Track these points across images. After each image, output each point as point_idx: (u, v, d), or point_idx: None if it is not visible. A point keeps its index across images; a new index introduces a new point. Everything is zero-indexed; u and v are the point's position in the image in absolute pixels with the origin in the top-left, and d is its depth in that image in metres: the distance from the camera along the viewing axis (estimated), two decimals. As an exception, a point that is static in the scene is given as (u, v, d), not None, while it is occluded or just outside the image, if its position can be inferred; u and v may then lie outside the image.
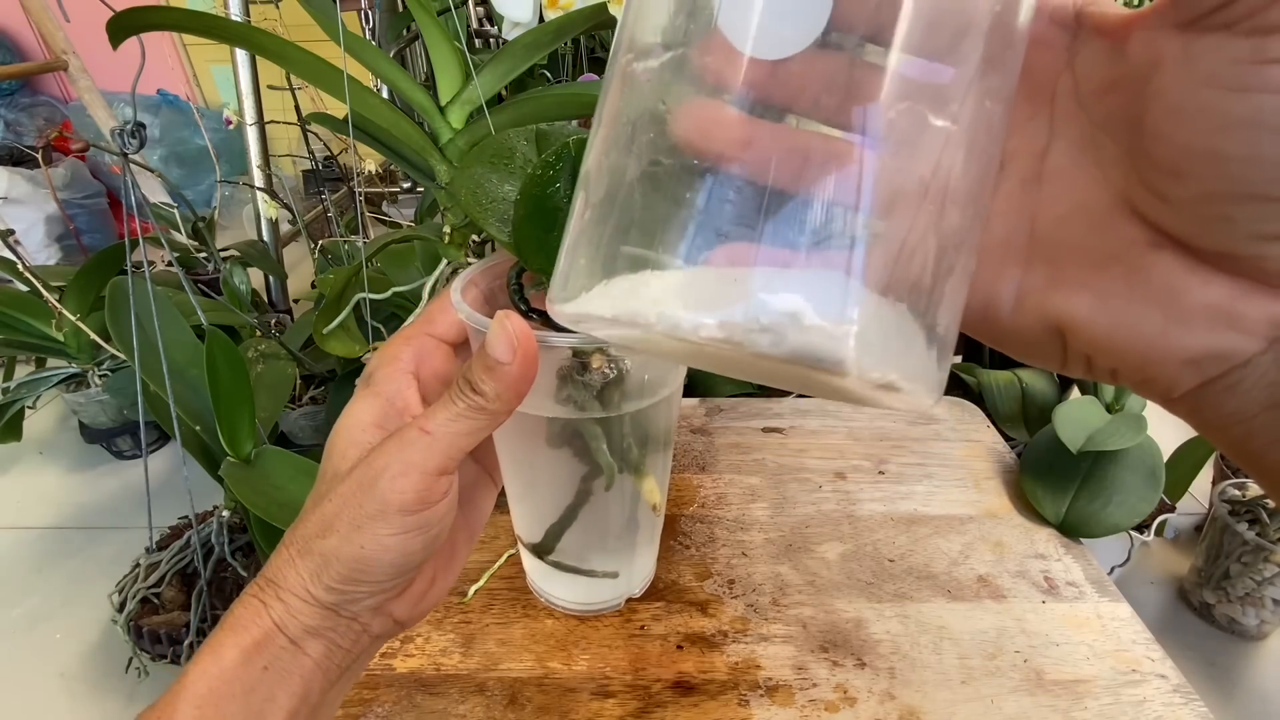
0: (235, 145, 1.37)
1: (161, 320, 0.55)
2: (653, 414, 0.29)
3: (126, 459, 1.10)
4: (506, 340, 0.20)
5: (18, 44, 2.09)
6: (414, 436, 0.20)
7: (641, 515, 0.33)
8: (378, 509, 0.20)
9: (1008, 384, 0.79)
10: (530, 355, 0.20)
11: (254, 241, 1.19)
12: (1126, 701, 0.34)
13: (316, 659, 0.21)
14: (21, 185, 1.66)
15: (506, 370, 0.20)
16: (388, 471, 0.20)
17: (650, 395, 0.28)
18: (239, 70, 1.09)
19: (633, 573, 0.38)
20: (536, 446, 0.29)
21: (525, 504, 0.34)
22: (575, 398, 0.26)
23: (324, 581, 0.21)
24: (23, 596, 0.87)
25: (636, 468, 0.29)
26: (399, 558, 0.21)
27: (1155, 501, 0.46)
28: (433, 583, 0.24)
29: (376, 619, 0.22)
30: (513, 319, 0.20)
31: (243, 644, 0.20)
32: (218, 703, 0.20)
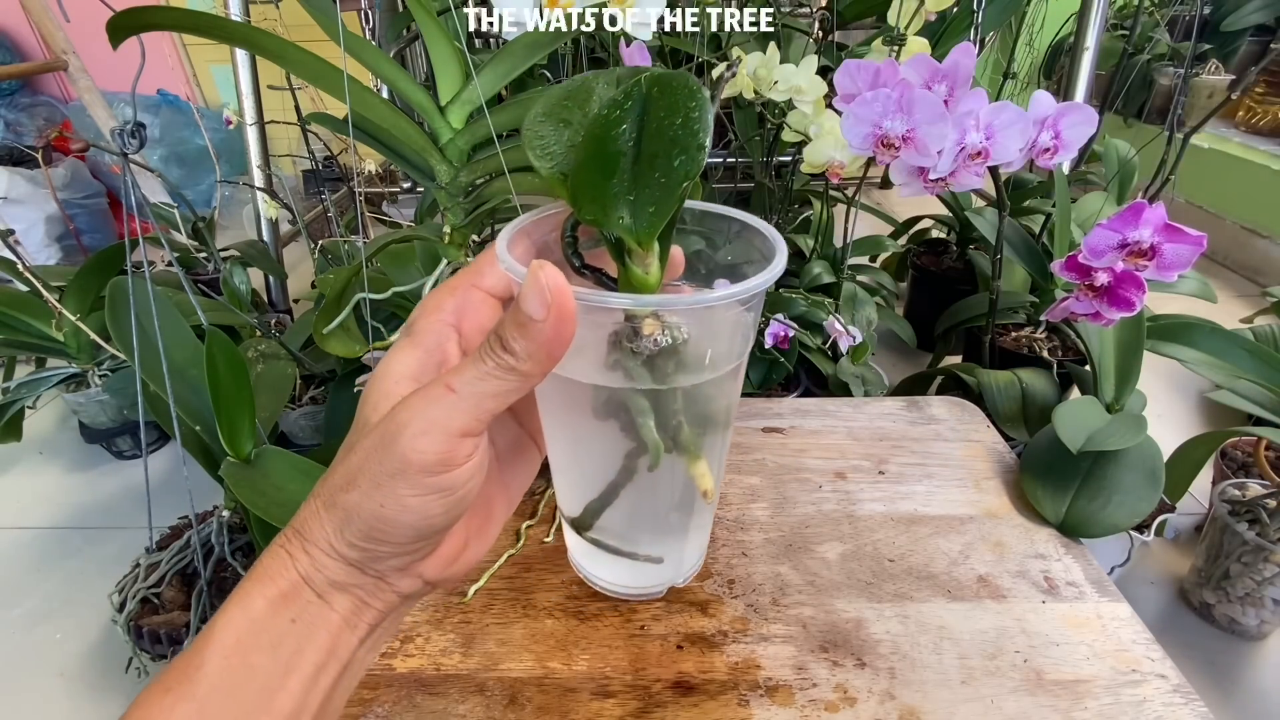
0: (235, 145, 1.37)
1: (161, 320, 0.55)
2: (711, 391, 0.27)
3: (126, 459, 1.10)
4: (539, 294, 0.18)
5: (18, 44, 2.09)
6: (439, 394, 0.19)
7: (691, 501, 0.31)
8: (397, 467, 0.19)
9: (1008, 384, 0.79)
10: (566, 313, 0.19)
11: (254, 241, 1.19)
12: (1126, 701, 0.34)
13: (344, 614, 0.21)
14: (21, 185, 1.66)
15: (539, 328, 0.19)
16: (408, 429, 0.19)
17: (711, 370, 0.26)
18: (239, 70, 1.09)
19: (681, 560, 0.36)
20: (582, 415, 0.27)
21: (567, 476, 0.32)
22: (625, 365, 0.24)
23: (347, 537, 0.20)
24: (23, 596, 0.86)
25: (687, 449, 0.27)
26: (419, 519, 0.20)
27: (1155, 501, 0.46)
28: (466, 546, 0.23)
29: (404, 579, 0.21)
30: (547, 270, 0.18)
31: (270, 595, 0.20)
32: (245, 654, 0.19)
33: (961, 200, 1.14)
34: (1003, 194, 0.68)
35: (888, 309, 1.05)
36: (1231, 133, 1.75)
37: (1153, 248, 0.48)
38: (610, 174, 0.20)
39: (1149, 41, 1.79)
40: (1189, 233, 0.47)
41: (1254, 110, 1.73)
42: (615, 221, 0.20)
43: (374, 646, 0.23)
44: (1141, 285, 0.49)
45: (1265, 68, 0.80)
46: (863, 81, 0.53)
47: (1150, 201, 0.47)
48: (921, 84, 0.51)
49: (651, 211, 0.20)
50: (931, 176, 0.52)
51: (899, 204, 1.71)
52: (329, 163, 1.50)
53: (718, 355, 0.26)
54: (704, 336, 0.25)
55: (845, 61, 0.53)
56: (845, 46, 1.07)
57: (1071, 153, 0.53)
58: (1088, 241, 0.50)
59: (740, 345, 0.27)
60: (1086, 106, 0.52)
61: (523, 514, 0.46)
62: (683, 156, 0.19)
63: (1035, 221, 1.04)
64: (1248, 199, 1.65)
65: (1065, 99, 1.00)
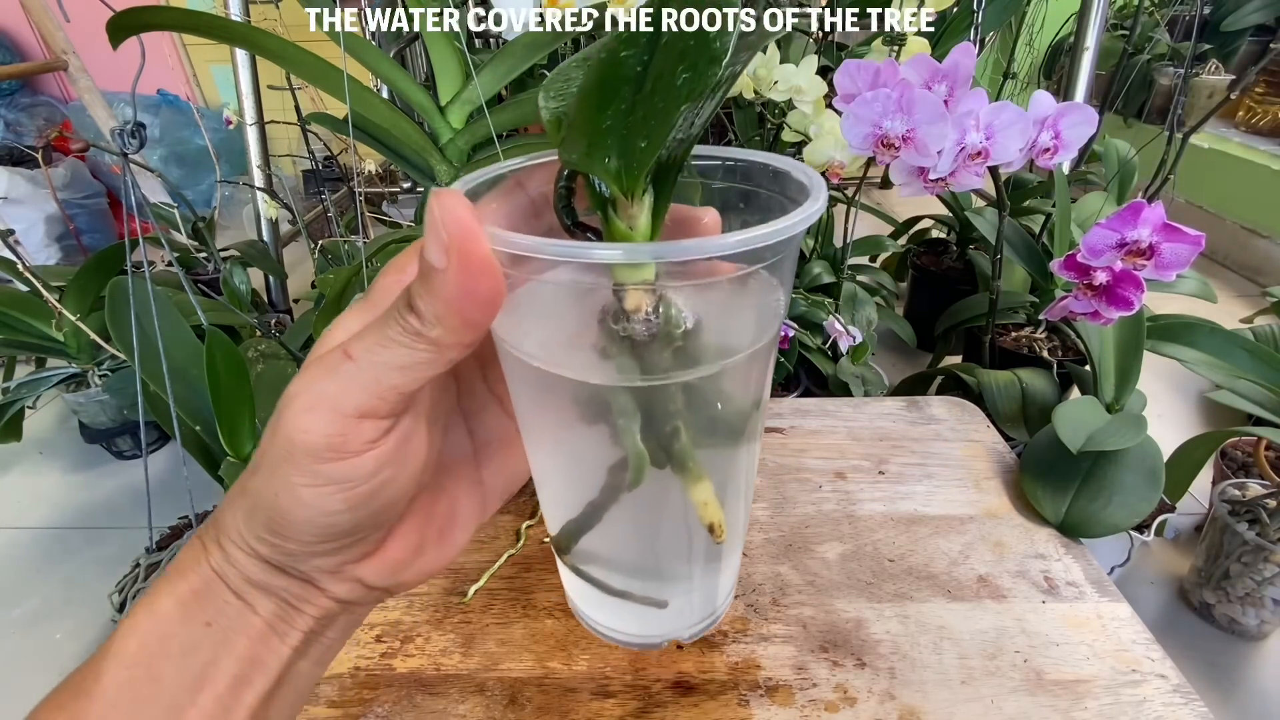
0: (235, 145, 1.37)
1: (161, 320, 0.55)
2: (723, 387, 0.20)
3: (126, 459, 1.10)
4: (433, 233, 0.14)
5: (18, 44, 2.09)
6: (334, 362, 0.16)
7: (695, 535, 0.24)
8: (284, 449, 0.16)
9: (1008, 384, 0.79)
10: (473, 260, 0.14)
11: (254, 241, 1.19)
12: (1126, 701, 0.34)
13: (267, 619, 0.17)
14: (21, 185, 1.66)
15: (440, 280, 0.15)
16: (295, 403, 0.16)
17: (721, 358, 0.20)
18: (239, 70, 1.09)
19: (689, 607, 0.28)
20: (561, 415, 0.21)
21: (548, 489, 0.25)
22: (611, 353, 0.19)
23: (254, 529, 0.17)
24: (23, 596, 0.86)
25: (685, 466, 0.20)
26: (316, 515, 0.16)
27: (1155, 501, 0.46)
28: (420, 551, 0.19)
29: (337, 582, 0.18)
30: (445, 200, 0.14)
31: (180, 594, 0.17)
32: (149, 663, 0.16)
33: (961, 200, 1.14)
34: (1003, 194, 0.68)
35: (888, 309, 1.05)
36: (1231, 133, 1.75)
37: (1151, 247, 0.48)
38: (607, 104, 0.16)
39: (1149, 41, 1.79)
40: (1187, 232, 0.47)
41: (1254, 110, 1.73)
42: (599, 163, 0.16)
43: (320, 659, 0.19)
44: (1140, 285, 0.49)
45: (1265, 68, 0.80)
46: (863, 81, 0.53)
47: (1150, 201, 0.47)
48: (921, 84, 0.51)
49: (643, 146, 0.16)
50: (931, 176, 0.52)
51: (899, 204, 1.71)
52: (329, 163, 1.51)
53: (732, 338, 0.20)
54: (714, 312, 0.19)
55: (845, 61, 0.53)
56: (845, 46, 1.07)
57: (1071, 153, 0.53)
58: (1086, 241, 0.50)
59: (764, 324, 0.21)
60: (1086, 106, 0.52)
61: (522, 514, 0.46)
62: (688, 73, 0.15)
63: (1035, 221, 1.04)
64: (1248, 199, 1.65)
65: (1065, 99, 1.00)
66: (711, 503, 0.21)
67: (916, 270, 1.29)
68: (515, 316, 0.20)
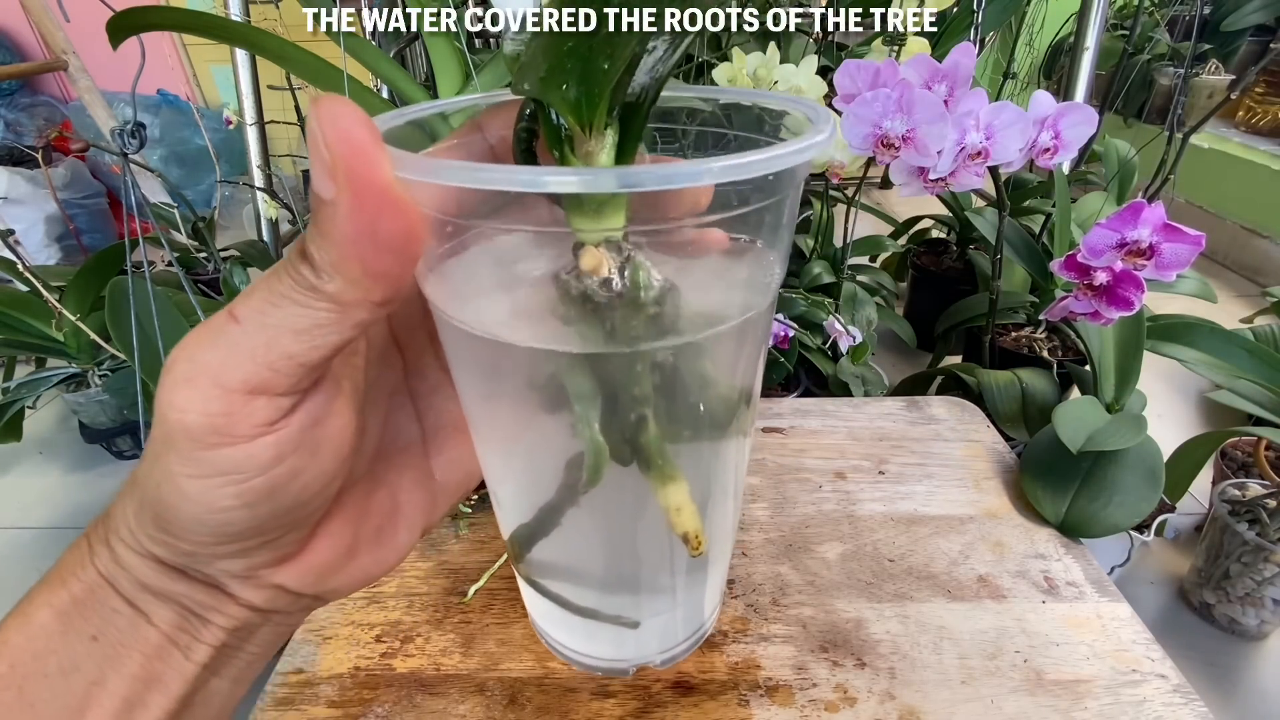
0: (235, 145, 1.37)
1: (161, 320, 0.55)
2: (703, 368, 0.17)
3: (126, 459, 1.10)
4: (315, 153, 0.11)
5: (18, 44, 2.09)
6: (217, 324, 0.13)
7: (668, 545, 0.20)
8: (163, 432, 0.13)
9: (1008, 384, 0.79)
10: (371, 188, 0.11)
11: (254, 241, 1.19)
12: (1126, 701, 0.34)
13: (166, 630, 0.15)
14: (21, 185, 1.66)
15: (330, 215, 0.12)
16: (169, 374, 0.13)
17: (701, 326, 0.16)
18: (239, 70, 1.09)
19: (665, 628, 0.25)
20: (512, 401, 0.18)
21: (501, 488, 0.22)
22: (571, 318, 0.15)
23: (144, 526, 0.14)
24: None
25: (652, 462, 0.17)
26: (204, 513, 0.13)
27: (1155, 501, 0.46)
28: (352, 554, 0.17)
29: (251, 589, 0.15)
30: (326, 108, 0.11)
31: (59, 602, 0.14)
32: (23, 685, 0.14)
33: (961, 200, 1.14)
34: (1003, 194, 0.68)
35: (888, 309, 1.05)
36: (1231, 133, 1.75)
37: (1151, 247, 0.48)
38: (572, 27, 0.13)
39: (1149, 41, 1.79)
40: (1187, 232, 0.47)
41: (1254, 110, 1.73)
42: (555, 90, 0.13)
43: (240, 677, 0.17)
44: (1140, 284, 0.49)
45: (1265, 68, 0.80)
46: (863, 81, 0.53)
47: (1150, 201, 0.47)
48: (921, 84, 0.51)
49: (605, 68, 0.13)
50: (931, 176, 0.52)
51: (899, 204, 1.71)
52: (329, 163, 1.50)
53: (714, 307, 0.17)
54: (693, 277, 0.16)
55: (845, 61, 0.53)
56: (845, 46, 1.07)
57: (1071, 153, 0.53)
58: (1086, 241, 0.50)
59: (753, 294, 0.17)
60: (1086, 106, 0.52)
61: (523, 514, 0.46)
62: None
63: (1035, 221, 1.04)
64: (1248, 199, 1.65)
65: (1065, 99, 1.00)
66: (686, 508, 0.18)
67: (916, 270, 1.29)
68: (453, 279, 0.17)
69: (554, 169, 0.13)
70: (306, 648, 0.37)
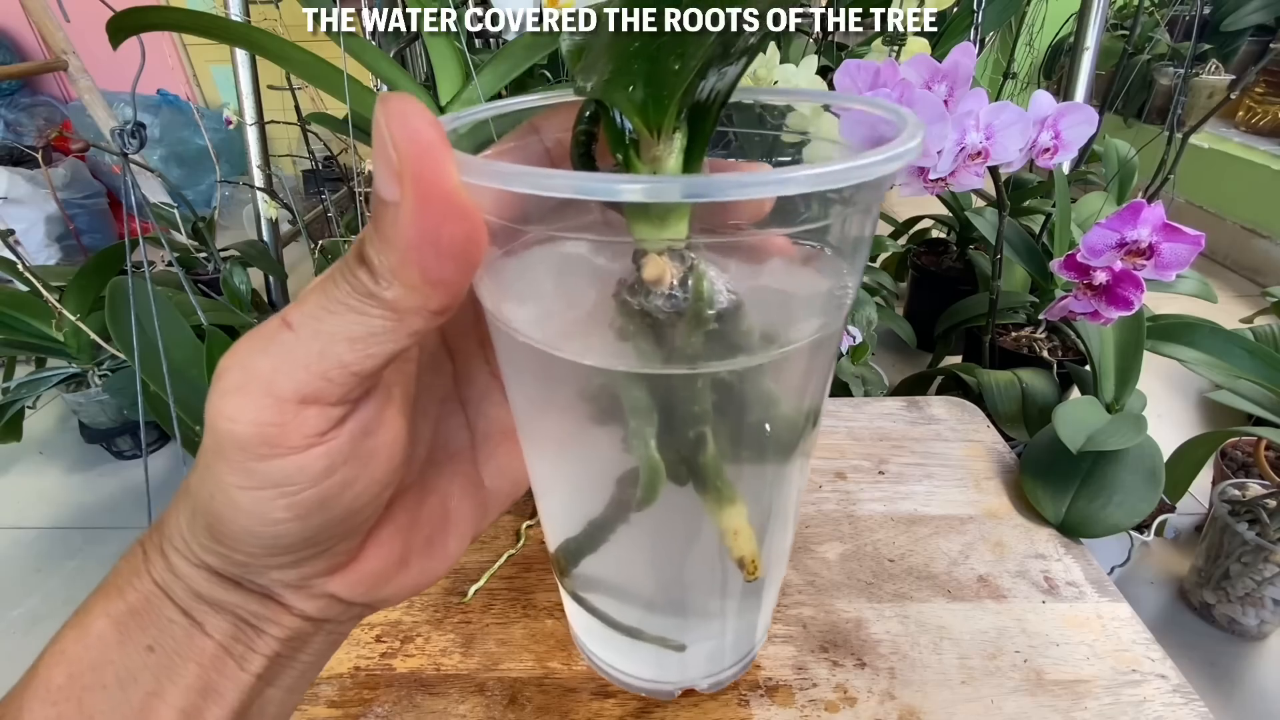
0: (235, 145, 1.37)
1: (161, 320, 0.55)
2: (768, 389, 0.16)
3: (126, 459, 1.10)
4: (382, 153, 0.11)
5: (18, 44, 2.09)
6: (270, 331, 0.12)
7: (721, 568, 0.19)
8: (213, 441, 0.13)
9: (1008, 384, 0.79)
10: (437, 191, 0.11)
11: (254, 241, 1.19)
12: (1126, 701, 0.34)
13: (222, 641, 0.15)
14: (21, 185, 1.66)
15: (392, 216, 0.11)
16: (221, 382, 0.12)
17: (770, 345, 0.15)
18: (239, 70, 1.09)
19: (716, 653, 0.24)
20: (566, 413, 0.17)
21: (549, 500, 0.21)
22: (629, 334, 0.15)
23: (197, 536, 0.14)
24: (23, 596, 0.86)
25: (712, 485, 0.16)
26: (256, 524, 0.13)
27: (1155, 501, 0.46)
28: (404, 563, 0.16)
29: (305, 599, 0.15)
30: (395, 106, 0.11)
31: (115, 612, 0.14)
32: (81, 696, 0.14)
33: (961, 200, 1.14)
34: (1003, 194, 0.68)
35: (888, 309, 1.05)
36: (1231, 133, 1.75)
37: (1151, 247, 0.48)
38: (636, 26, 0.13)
39: (1149, 41, 1.79)
40: (1187, 232, 0.47)
41: (1254, 110, 1.73)
42: (622, 92, 0.13)
43: (295, 686, 0.16)
44: (1140, 284, 0.49)
45: (1265, 68, 0.80)
46: (862, 81, 0.53)
47: (1150, 201, 0.47)
48: (921, 84, 0.51)
49: (676, 69, 0.13)
50: (931, 176, 0.52)
51: (899, 204, 1.71)
52: (329, 163, 1.50)
53: (781, 325, 0.15)
54: (760, 292, 0.15)
55: (845, 61, 0.53)
56: (845, 46, 1.07)
57: (1071, 153, 0.53)
58: (1086, 241, 0.50)
59: (826, 312, 0.16)
60: (1086, 106, 0.52)
61: (523, 514, 0.46)
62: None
63: (1035, 221, 1.04)
64: (1248, 199, 1.65)
65: (1065, 99, 1.00)
66: (744, 532, 0.17)
67: (916, 270, 1.29)
68: (508, 285, 0.16)
69: (617, 176, 0.12)
70: (306, 648, 0.37)
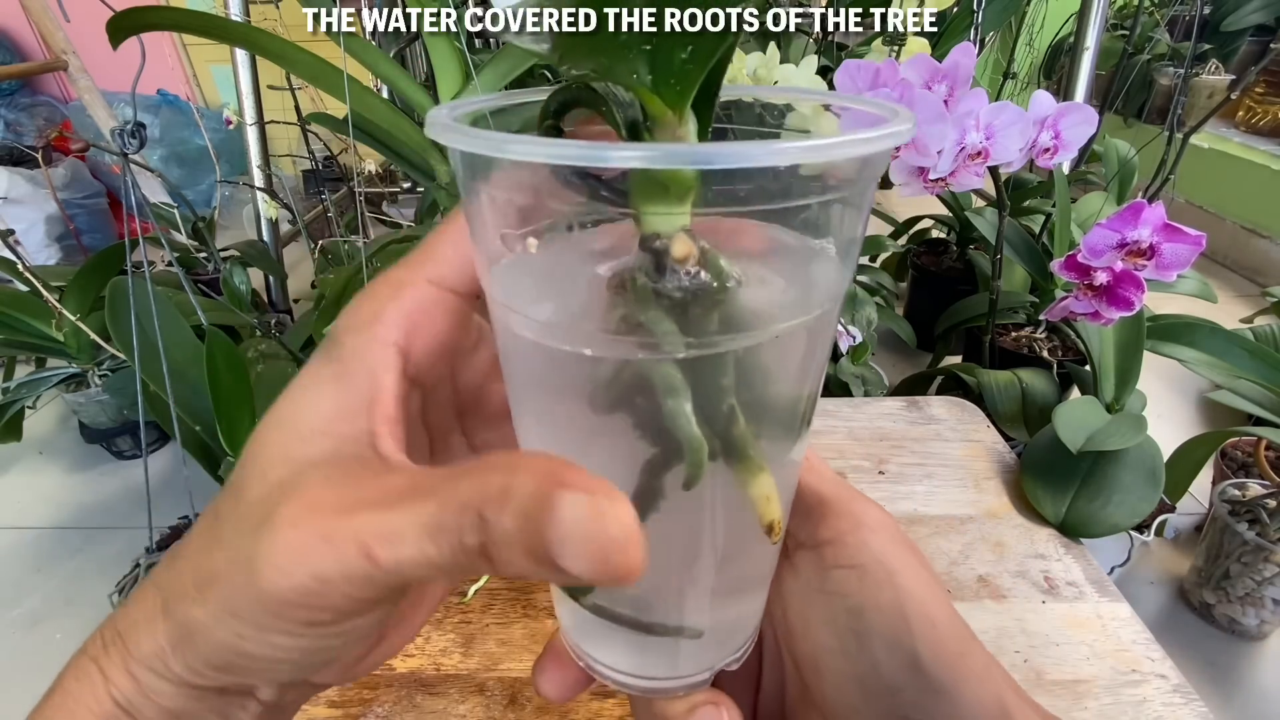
0: (235, 145, 1.37)
1: (161, 320, 0.55)
2: (784, 357, 0.17)
3: (126, 459, 1.10)
4: (585, 544, 0.11)
5: (18, 44, 2.09)
6: (343, 549, 0.12)
7: (747, 539, 0.19)
8: (255, 600, 0.13)
9: (1008, 384, 0.79)
10: (620, 571, 0.11)
11: (254, 241, 1.19)
12: (1126, 701, 0.34)
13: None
14: (21, 185, 1.66)
15: (552, 567, 0.11)
16: (274, 557, 0.12)
17: (775, 321, 0.16)
18: (239, 70, 1.09)
19: (732, 633, 0.22)
20: (573, 409, 0.17)
21: None
22: (639, 319, 0.14)
23: (188, 661, 0.14)
24: (23, 596, 0.86)
25: (744, 455, 0.16)
26: (300, 657, 0.13)
27: (1155, 501, 0.46)
28: (379, 641, 0.17)
29: (286, 692, 0.15)
30: (607, 508, 0.11)
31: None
32: None
33: (961, 200, 1.14)
34: (1003, 194, 0.68)
35: (888, 309, 1.05)
36: (1231, 133, 1.75)
37: (1151, 247, 0.48)
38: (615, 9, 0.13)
39: (1149, 41, 1.79)
40: (1188, 232, 0.47)
41: (1254, 110, 1.73)
42: (627, 74, 0.13)
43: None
44: (1140, 285, 0.49)
45: (1265, 68, 0.80)
46: (863, 81, 0.53)
47: (1150, 201, 0.47)
48: (921, 84, 0.51)
49: (684, 58, 0.13)
50: (931, 176, 0.52)
51: (899, 204, 1.71)
52: (329, 163, 1.51)
53: (786, 300, 0.16)
54: (758, 269, 0.16)
55: (845, 61, 0.53)
56: (845, 46, 1.07)
57: (1071, 153, 0.53)
58: (1087, 241, 0.50)
59: (824, 288, 0.17)
60: (1086, 106, 0.52)
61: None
62: None
63: (1035, 221, 1.04)
64: (1248, 199, 1.65)
65: (1065, 99, 1.00)
66: (774, 497, 0.17)
67: (916, 270, 1.29)
68: (519, 278, 0.16)
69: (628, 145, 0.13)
70: (306, 648, 0.37)
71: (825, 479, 0.19)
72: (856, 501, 0.19)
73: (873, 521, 0.18)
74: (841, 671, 0.17)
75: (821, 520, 0.19)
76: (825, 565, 0.18)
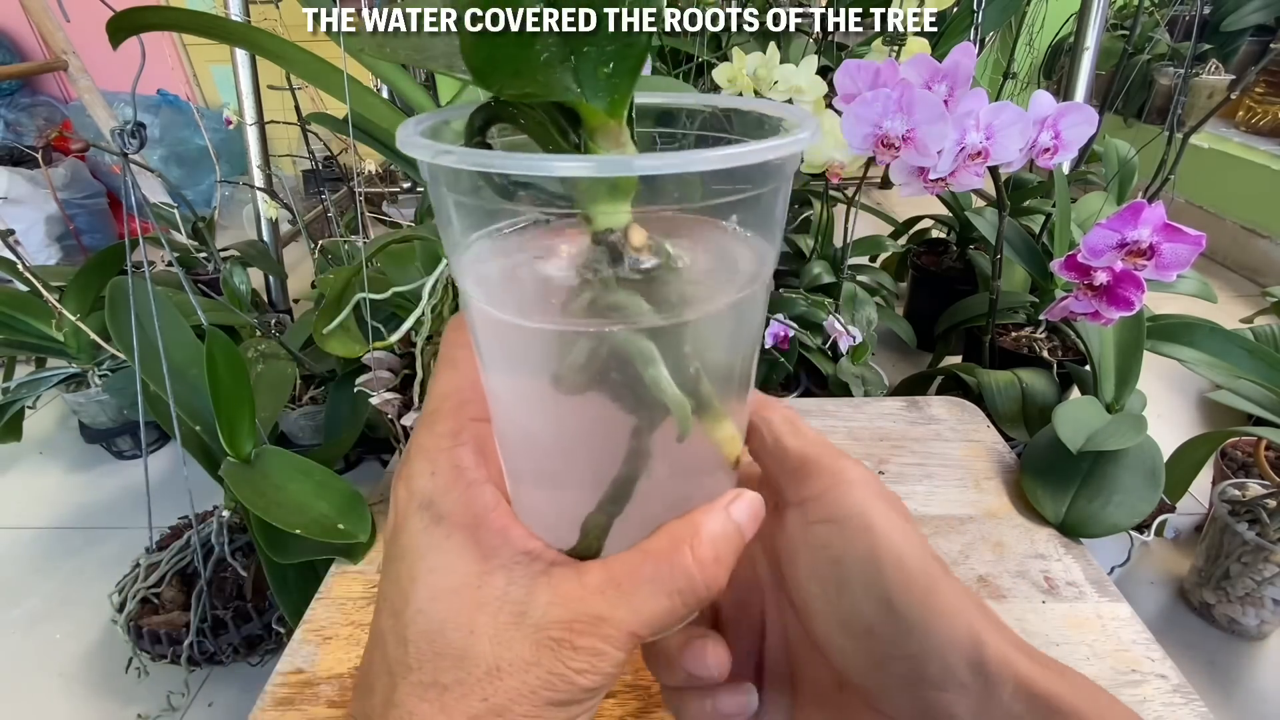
0: (235, 145, 1.37)
1: (161, 320, 0.55)
2: (732, 325, 0.20)
3: (126, 459, 1.10)
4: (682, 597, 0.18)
5: (18, 44, 2.09)
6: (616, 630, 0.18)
7: (715, 480, 0.22)
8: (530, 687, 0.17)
9: (1008, 384, 0.79)
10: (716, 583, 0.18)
11: (254, 241, 1.19)
12: (1126, 701, 0.33)
13: None
14: (21, 185, 1.66)
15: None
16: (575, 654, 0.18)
17: (723, 293, 0.19)
18: (239, 70, 1.09)
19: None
20: (546, 396, 0.19)
21: (545, 491, 0.22)
22: (607, 300, 0.17)
23: None
24: (23, 596, 0.86)
25: (709, 405, 0.19)
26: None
27: (1155, 501, 0.46)
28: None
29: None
30: (732, 510, 0.19)
31: None
32: None
33: (961, 200, 1.14)
34: (1003, 194, 0.68)
35: (888, 309, 1.05)
36: (1231, 133, 1.75)
37: (1151, 247, 0.48)
38: (520, 27, 0.14)
39: (1149, 41, 1.79)
40: (1188, 232, 0.47)
41: (1254, 110, 1.73)
42: (560, 89, 0.14)
43: None
44: (1140, 285, 0.49)
45: (1265, 68, 0.80)
46: (863, 81, 0.53)
47: (1150, 201, 0.47)
48: (921, 84, 0.51)
49: (608, 72, 0.14)
50: (931, 176, 0.52)
51: (899, 204, 1.71)
52: (329, 163, 1.50)
53: (728, 272, 0.19)
54: (708, 253, 0.19)
55: (845, 61, 0.53)
56: (845, 46, 1.07)
57: (1071, 153, 0.53)
58: (1087, 241, 0.50)
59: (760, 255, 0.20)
60: (1086, 106, 0.52)
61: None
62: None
63: (1035, 221, 1.04)
64: (1248, 199, 1.65)
65: (1065, 99, 1.00)
66: (737, 438, 0.21)
67: (916, 270, 1.29)
68: (492, 271, 0.18)
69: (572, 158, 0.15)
70: (306, 648, 0.37)
71: (810, 441, 0.21)
72: (838, 460, 0.20)
73: (853, 477, 0.20)
74: (828, 617, 0.19)
75: (805, 479, 0.20)
76: (809, 520, 0.20)
